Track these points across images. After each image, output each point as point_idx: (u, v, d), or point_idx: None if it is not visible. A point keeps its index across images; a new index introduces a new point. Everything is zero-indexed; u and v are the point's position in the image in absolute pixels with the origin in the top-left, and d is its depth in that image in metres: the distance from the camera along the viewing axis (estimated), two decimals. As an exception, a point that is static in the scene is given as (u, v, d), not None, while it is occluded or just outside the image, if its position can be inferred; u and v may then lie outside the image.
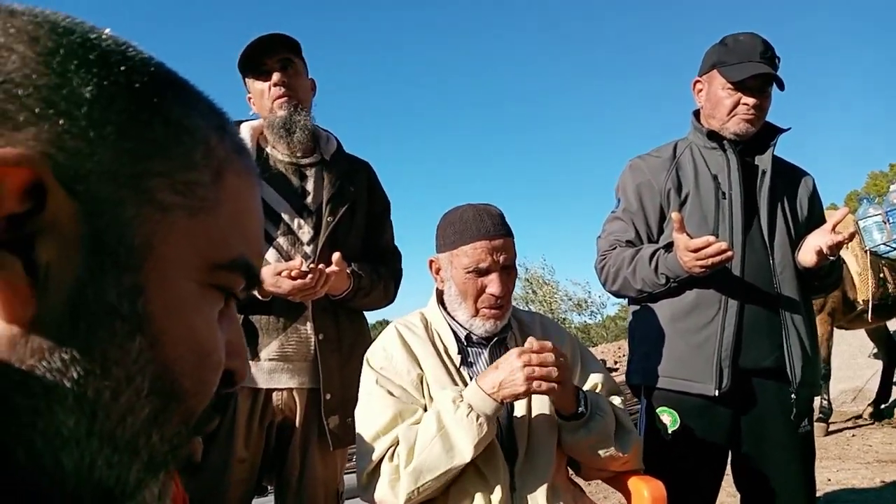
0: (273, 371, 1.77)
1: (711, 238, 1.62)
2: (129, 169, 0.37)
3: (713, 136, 1.90)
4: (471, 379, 1.52)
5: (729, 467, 1.96)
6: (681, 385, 1.84)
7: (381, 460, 1.43)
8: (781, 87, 1.82)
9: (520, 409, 1.53)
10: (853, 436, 5.02)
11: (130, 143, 0.37)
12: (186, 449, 0.42)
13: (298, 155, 1.91)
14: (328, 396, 1.79)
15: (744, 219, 1.83)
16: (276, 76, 1.84)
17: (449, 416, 1.38)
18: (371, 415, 1.48)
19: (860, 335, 6.21)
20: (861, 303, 4.86)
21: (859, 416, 5.60)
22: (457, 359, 1.55)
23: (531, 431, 1.52)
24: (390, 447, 1.43)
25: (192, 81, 0.44)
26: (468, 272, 1.51)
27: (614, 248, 1.94)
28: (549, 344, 1.40)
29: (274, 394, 1.78)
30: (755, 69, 1.78)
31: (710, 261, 1.63)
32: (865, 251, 4.82)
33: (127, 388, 0.37)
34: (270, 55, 1.84)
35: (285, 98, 1.84)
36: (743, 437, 1.87)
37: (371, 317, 2.74)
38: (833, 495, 3.64)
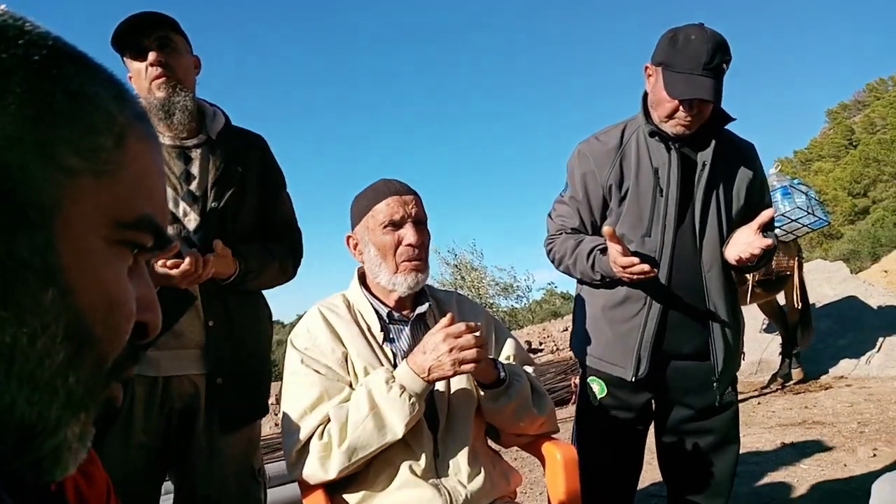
0: (169, 359, 1.75)
1: (636, 260, 1.75)
2: (33, 136, 0.40)
3: (655, 132, 1.94)
4: (393, 355, 1.60)
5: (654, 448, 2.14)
6: (605, 367, 2.01)
7: (309, 438, 1.48)
8: (718, 104, 1.81)
9: (441, 382, 1.60)
10: (759, 403, 5.37)
11: (32, 112, 0.40)
12: (104, 392, 0.46)
13: (182, 137, 1.84)
14: (219, 381, 1.78)
15: (677, 216, 1.91)
16: (151, 56, 1.75)
17: (381, 395, 1.45)
18: (297, 394, 1.53)
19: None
20: (748, 278, 5.18)
21: (765, 386, 5.99)
22: (379, 336, 1.61)
23: (451, 401, 1.61)
24: (319, 425, 1.48)
25: (90, 54, 0.47)
26: (384, 227, 1.59)
27: (560, 234, 2.06)
28: (470, 324, 1.48)
29: (173, 380, 1.76)
30: (695, 90, 1.76)
31: (635, 276, 1.78)
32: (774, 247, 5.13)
33: (42, 334, 0.41)
34: (147, 33, 1.75)
35: (163, 78, 1.76)
36: (663, 412, 2.04)
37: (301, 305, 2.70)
38: (740, 458, 3.89)
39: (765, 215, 1.80)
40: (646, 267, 1.74)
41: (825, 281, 7.74)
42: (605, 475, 2.06)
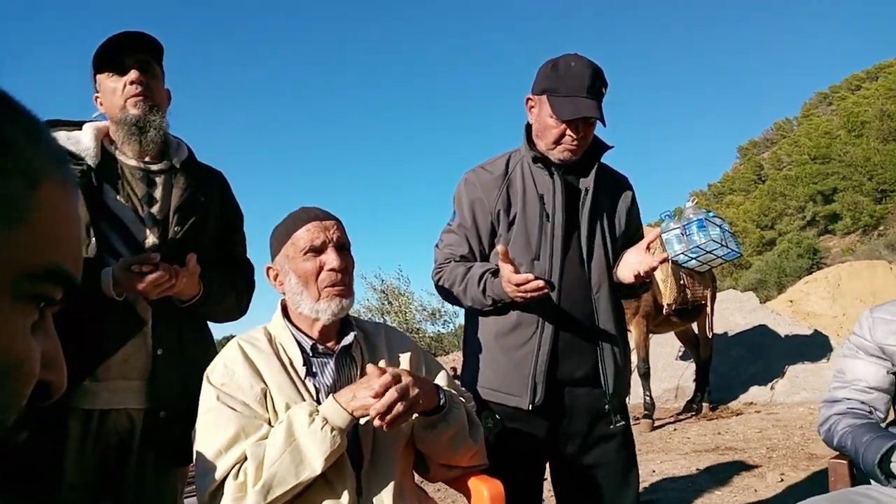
0: (109, 390, 1.68)
1: (530, 276, 1.76)
2: None
3: (539, 158, 1.98)
4: (316, 390, 1.54)
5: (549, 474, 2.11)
6: (501, 398, 1.97)
7: (224, 478, 1.41)
8: (604, 124, 1.89)
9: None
10: (675, 430, 5.54)
11: None
12: None
13: (147, 160, 1.83)
14: (162, 414, 1.72)
15: (564, 240, 1.95)
16: (133, 73, 1.76)
17: (302, 429, 1.40)
18: (212, 432, 1.45)
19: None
20: (666, 307, 5.39)
21: (680, 413, 6.19)
22: (301, 370, 1.55)
23: (376, 435, 1.57)
24: (235, 465, 1.41)
25: (9, 91, 0.44)
26: (305, 253, 1.55)
27: (449, 262, 2.04)
28: (399, 371, 1.45)
29: (111, 414, 1.69)
30: (582, 110, 1.84)
31: (528, 294, 1.78)
32: (667, 260, 5.35)
33: None
34: (130, 54, 1.76)
35: (141, 97, 1.77)
36: (561, 442, 2.01)
37: (217, 332, 2.67)
38: (657, 485, 4.00)
39: (652, 234, 1.92)
40: (541, 283, 1.75)
41: (737, 310, 8.11)
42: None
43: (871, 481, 1.78)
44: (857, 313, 2.00)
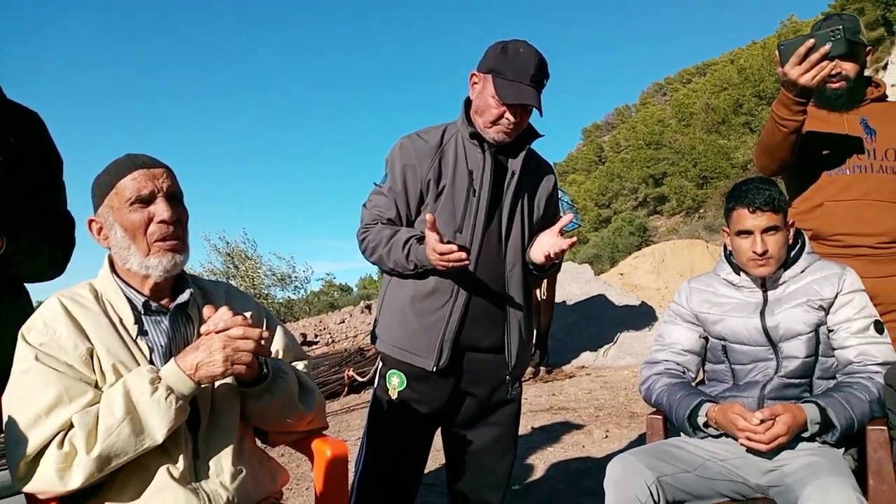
0: None
1: (454, 246, 1.79)
2: None
3: (475, 135, 2.01)
4: (150, 349, 1.45)
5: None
6: (408, 357, 2.02)
7: (45, 447, 1.29)
8: (541, 113, 1.94)
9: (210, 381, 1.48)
10: (514, 392, 5.84)
11: None
12: None
13: None
14: None
15: (487, 216, 1.99)
16: None
17: (143, 397, 1.31)
18: (29, 396, 1.32)
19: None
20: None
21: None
22: (133, 329, 1.44)
23: (215, 397, 1.51)
24: (57, 432, 1.30)
25: None
26: (131, 204, 1.42)
27: (376, 223, 2.03)
28: (247, 320, 1.39)
29: None
30: (524, 97, 1.88)
31: (450, 264, 1.81)
32: (574, 245, 5.59)
33: None
34: None
35: None
36: (460, 405, 2.09)
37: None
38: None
39: (564, 220, 1.99)
40: (462, 255, 1.79)
41: (573, 281, 8.65)
42: (393, 468, 2.08)
43: (682, 433, 1.98)
44: (677, 286, 2.21)
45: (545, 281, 6.29)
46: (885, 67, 20.72)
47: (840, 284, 1.90)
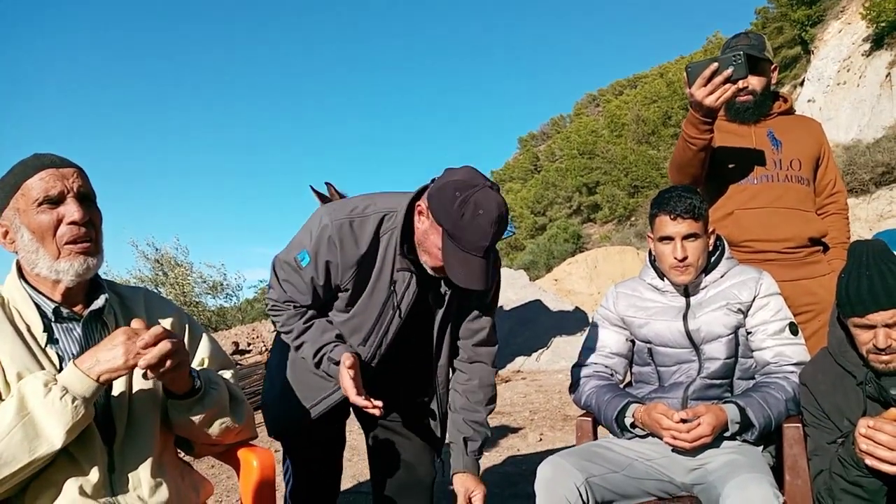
0: None
1: (368, 403, 1.71)
2: None
3: (409, 254, 1.83)
4: (60, 358, 1.37)
5: None
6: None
7: None
8: (487, 285, 1.73)
9: (119, 384, 1.43)
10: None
11: None
12: None
13: None
14: None
15: (401, 335, 1.91)
16: None
17: (37, 400, 1.23)
18: None
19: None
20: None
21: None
22: (41, 337, 1.36)
23: (133, 406, 1.44)
24: None
25: None
26: (39, 205, 1.34)
27: (288, 307, 1.89)
28: (158, 329, 1.31)
29: None
30: (473, 280, 1.67)
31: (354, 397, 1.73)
32: None
33: None
34: None
35: None
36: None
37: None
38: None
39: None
40: (376, 411, 1.72)
41: (509, 287, 8.75)
42: (316, 479, 2.05)
43: (609, 435, 2.02)
44: (609, 291, 2.26)
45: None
46: (801, 84, 21.86)
47: (757, 288, 1.98)
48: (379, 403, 1.72)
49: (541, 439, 4.19)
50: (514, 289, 8.78)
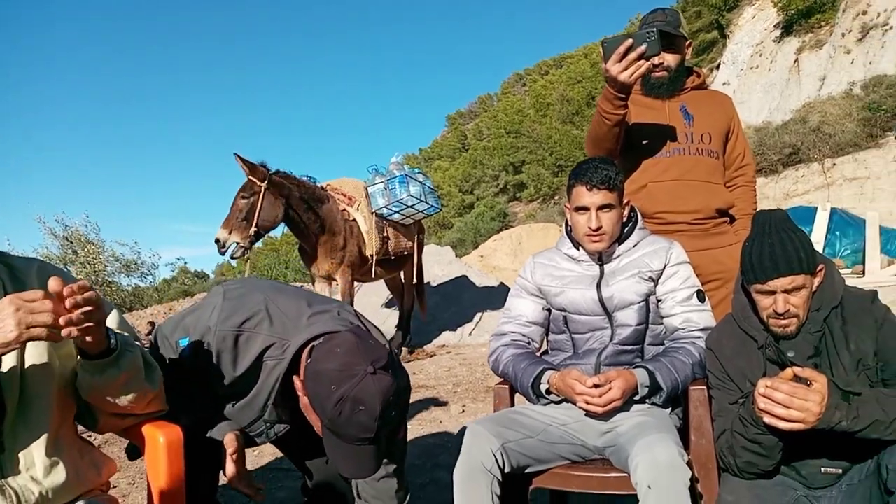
0: None
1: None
2: None
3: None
4: None
5: None
6: None
7: None
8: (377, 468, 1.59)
9: (9, 359, 1.33)
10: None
11: None
12: None
13: None
14: None
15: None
16: None
17: None
18: None
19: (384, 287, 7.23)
20: (369, 257, 5.63)
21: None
22: None
23: (24, 383, 1.35)
24: None
25: None
26: None
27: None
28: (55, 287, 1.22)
29: None
30: (359, 470, 1.56)
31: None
32: (372, 213, 5.61)
33: None
34: None
35: None
36: None
37: None
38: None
39: None
40: (249, 493, 1.75)
41: (436, 263, 8.78)
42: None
43: (526, 402, 2.06)
44: (532, 267, 2.27)
45: (409, 263, 6.32)
46: (717, 67, 22.71)
47: (667, 257, 2.05)
48: (263, 494, 1.74)
49: (463, 411, 4.24)
50: (441, 265, 8.81)
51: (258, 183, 4.85)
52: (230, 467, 1.70)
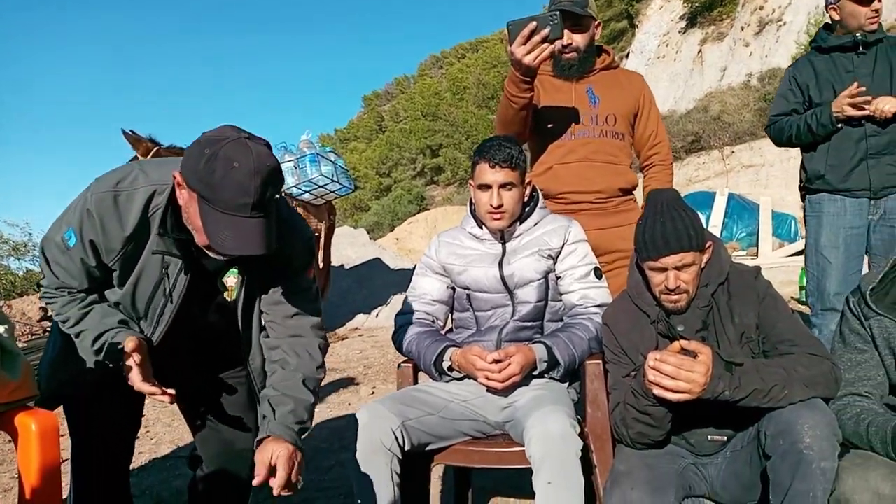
0: None
1: (157, 390, 1.53)
2: None
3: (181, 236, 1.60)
4: None
5: None
6: None
7: None
8: (271, 249, 1.48)
9: None
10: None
11: None
12: None
13: None
14: None
15: (178, 317, 1.70)
16: None
17: None
18: None
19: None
20: None
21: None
22: None
23: None
24: None
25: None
26: None
27: (63, 292, 1.64)
28: None
29: None
30: (244, 244, 1.42)
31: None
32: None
33: None
34: None
35: None
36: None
37: None
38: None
39: None
40: (167, 399, 1.56)
41: (349, 245, 8.69)
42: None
43: (429, 379, 2.06)
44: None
45: (318, 245, 6.21)
46: (626, 56, 23.45)
47: (566, 235, 2.09)
48: (171, 391, 1.54)
49: (373, 392, 4.22)
50: (354, 247, 8.73)
51: (143, 158, 4.61)
52: (132, 368, 1.53)
